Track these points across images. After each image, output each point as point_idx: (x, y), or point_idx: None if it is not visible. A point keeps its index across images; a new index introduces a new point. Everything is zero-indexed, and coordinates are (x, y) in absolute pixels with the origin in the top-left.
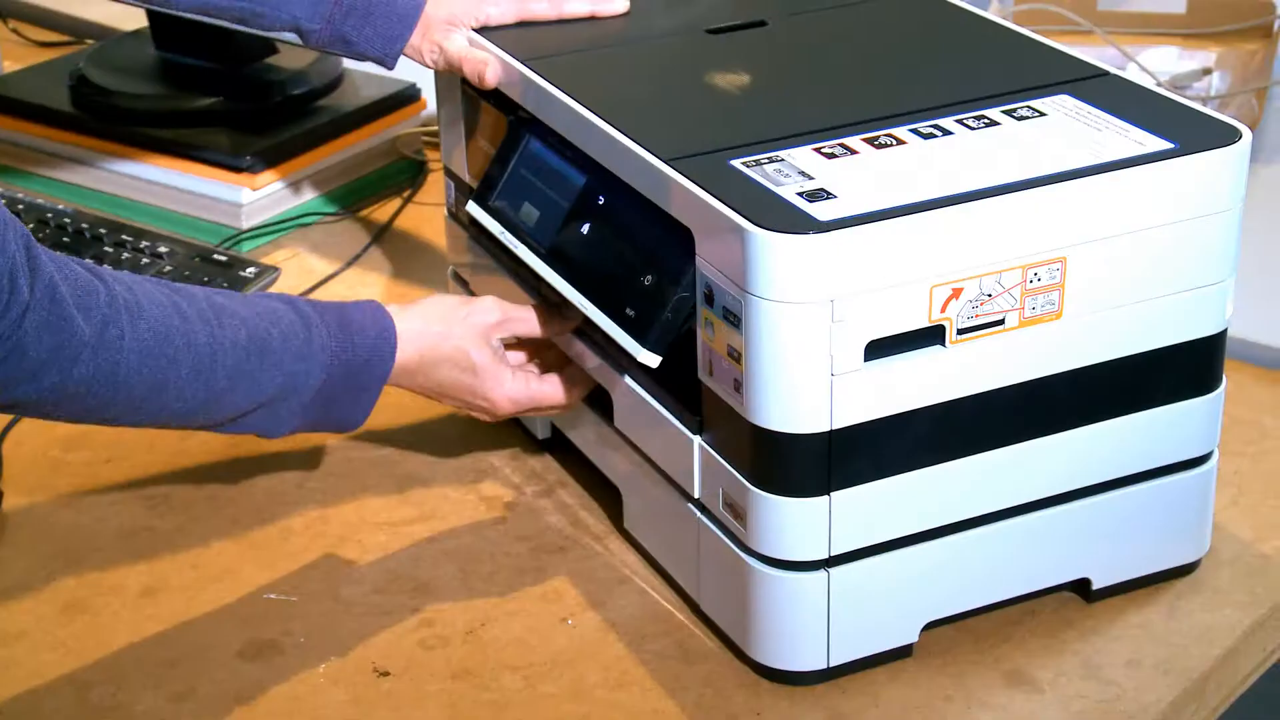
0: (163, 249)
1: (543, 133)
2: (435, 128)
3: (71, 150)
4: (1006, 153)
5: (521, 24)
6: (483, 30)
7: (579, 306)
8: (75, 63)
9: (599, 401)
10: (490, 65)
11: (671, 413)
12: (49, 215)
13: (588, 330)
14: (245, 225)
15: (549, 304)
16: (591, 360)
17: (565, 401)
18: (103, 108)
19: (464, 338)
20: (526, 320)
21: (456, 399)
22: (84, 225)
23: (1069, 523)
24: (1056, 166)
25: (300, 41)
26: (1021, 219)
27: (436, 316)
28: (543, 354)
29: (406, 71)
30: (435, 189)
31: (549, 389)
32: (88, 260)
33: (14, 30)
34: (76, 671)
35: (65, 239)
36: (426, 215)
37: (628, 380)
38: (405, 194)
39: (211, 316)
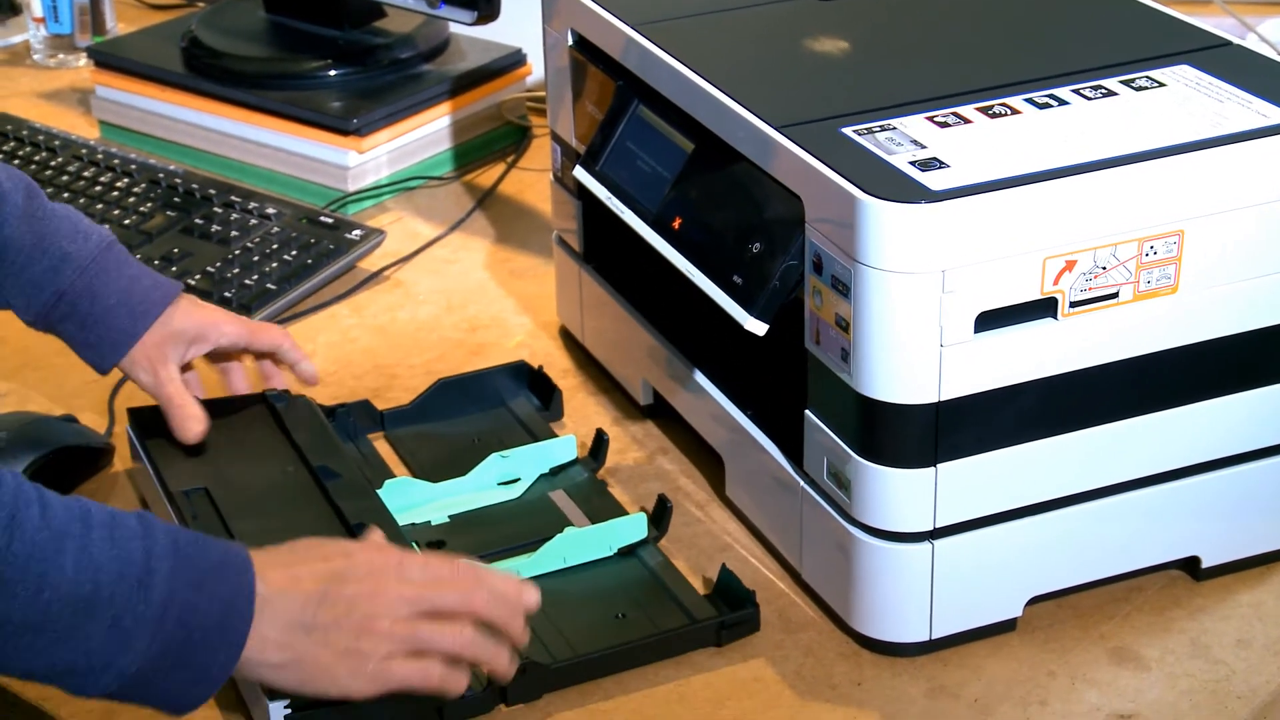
0: (270, 210)
1: (651, 98)
2: (540, 93)
3: (182, 112)
4: (1124, 124)
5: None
6: None
7: (686, 273)
8: (187, 25)
9: (703, 366)
10: (195, 422)
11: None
12: (160, 176)
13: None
14: (351, 188)
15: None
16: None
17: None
18: (213, 70)
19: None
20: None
21: (344, 583)
22: (194, 186)
23: (1179, 500)
24: (1175, 138)
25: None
26: (1138, 191)
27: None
28: None
29: (512, 37)
30: (539, 154)
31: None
32: None
33: None
34: None
35: (175, 199)
36: (530, 180)
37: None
38: (510, 159)
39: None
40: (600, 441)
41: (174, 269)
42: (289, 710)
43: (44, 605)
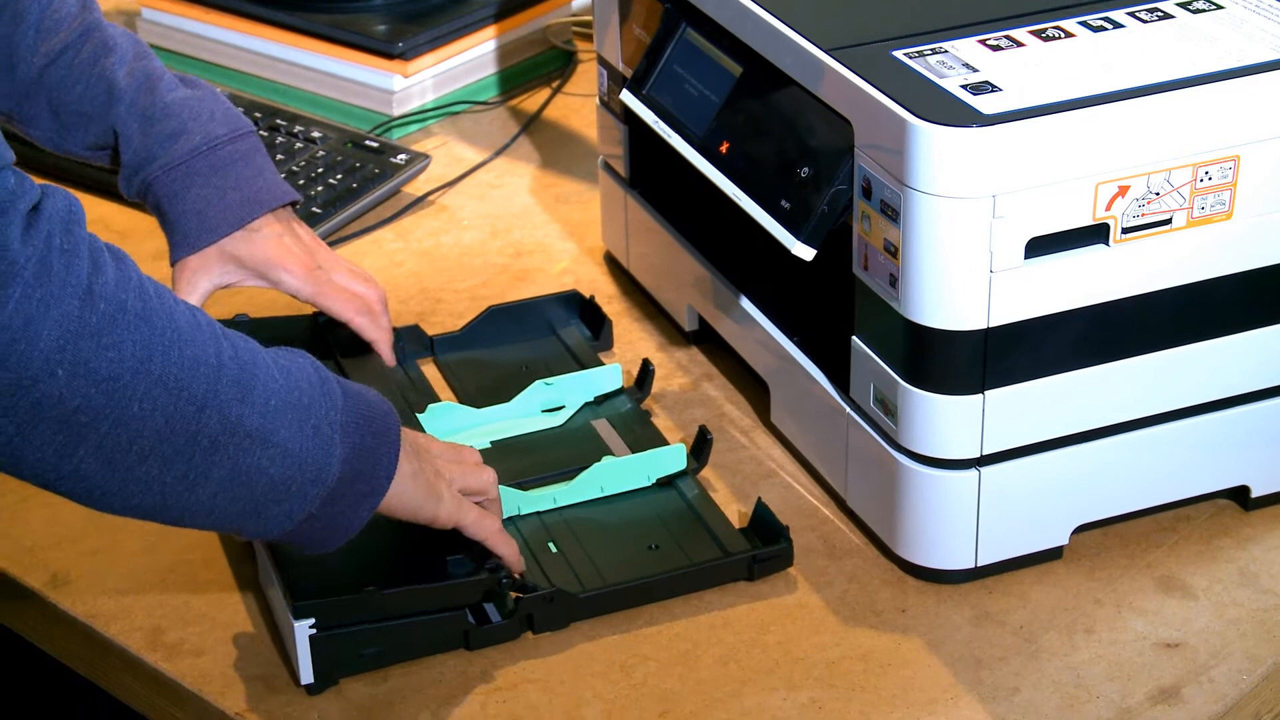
0: (315, 134)
1: (699, 21)
2: (586, 18)
3: (228, 34)
4: (1180, 47)
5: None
6: None
7: (733, 198)
8: None
9: (749, 292)
10: None
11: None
12: None
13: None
14: (396, 112)
15: None
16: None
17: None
18: None
19: None
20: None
21: (446, 458)
22: (239, 109)
23: (1229, 429)
24: (1232, 61)
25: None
26: (1193, 116)
27: None
28: None
29: None
30: (584, 79)
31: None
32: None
33: None
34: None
35: None
36: (575, 105)
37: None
38: (554, 84)
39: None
40: (646, 372)
41: None
42: (314, 630)
43: (273, 412)
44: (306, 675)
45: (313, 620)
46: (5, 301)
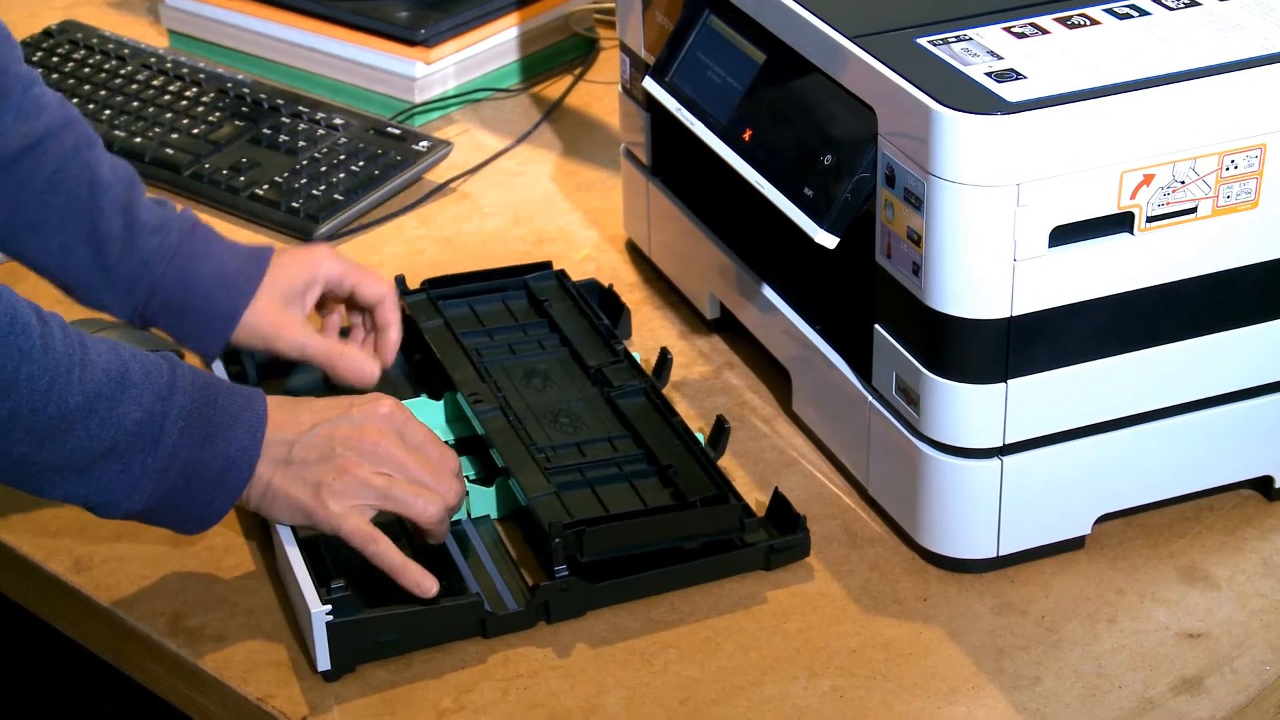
0: (338, 121)
1: (722, 8)
2: (608, 4)
3: (251, 21)
4: (1206, 34)
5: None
6: None
7: (756, 186)
8: None
9: (771, 280)
10: (368, 364)
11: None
12: (228, 85)
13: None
14: (418, 99)
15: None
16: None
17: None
18: None
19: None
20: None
21: (338, 421)
22: (262, 95)
23: (1253, 419)
24: (1260, 49)
25: None
26: (1220, 104)
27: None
28: None
29: None
30: (606, 67)
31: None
32: None
33: None
34: (253, 529)
35: (243, 109)
36: (597, 93)
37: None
38: (577, 71)
39: (74, 334)
40: (664, 360)
41: (241, 178)
42: (331, 616)
43: (67, 454)
44: (323, 662)
45: (330, 608)
46: None
